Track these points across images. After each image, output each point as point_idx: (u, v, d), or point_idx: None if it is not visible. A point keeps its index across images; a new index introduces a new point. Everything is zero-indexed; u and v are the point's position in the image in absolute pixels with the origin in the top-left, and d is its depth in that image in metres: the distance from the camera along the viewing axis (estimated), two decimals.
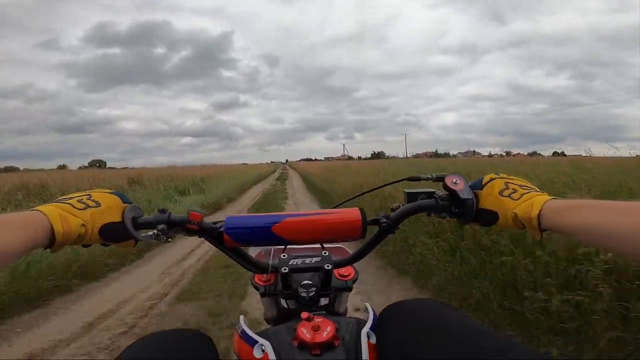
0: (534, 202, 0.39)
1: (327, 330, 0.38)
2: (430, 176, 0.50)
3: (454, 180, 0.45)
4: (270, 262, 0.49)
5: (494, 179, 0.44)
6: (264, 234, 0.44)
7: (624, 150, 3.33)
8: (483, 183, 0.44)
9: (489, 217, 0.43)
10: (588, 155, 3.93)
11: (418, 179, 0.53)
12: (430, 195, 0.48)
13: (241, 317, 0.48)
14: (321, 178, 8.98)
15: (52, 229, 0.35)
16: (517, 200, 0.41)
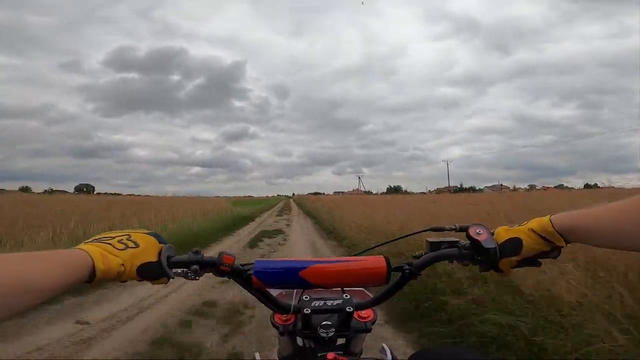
0: (540, 218, 0.45)
1: None
2: (454, 226, 0.52)
3: (478, 230, 0.47)
4: (293, 303, 0.52)
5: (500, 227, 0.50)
6: (291, 278, 0.48)
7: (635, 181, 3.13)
8: (493, 231, 0.49)
9: (513, 246, 0.46)
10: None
11: (442, 230, 0.55)
12: (452, 244, 0.50)
13: (257, 353, 0.50)
14: None
15: (94, 267, 0.38)
16: (525, 224, 0.46)
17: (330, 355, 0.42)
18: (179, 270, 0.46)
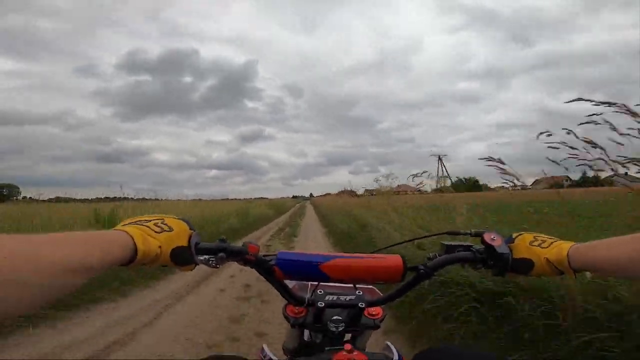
0: (562, 247, 0.51)
1: None
2: (469, 231, 0.61)
3: (492, 237, 0.55)
4: (307, 296, 0.59)
5: (522, 233, 0.56)
6: (312, 271, 0.55)
7: None
8: (514, 237, 0.56)
9: (524, 266, 0.53)
10: None
11: (458, 234, 0.64)
12: (467, 248, 0.58)
13: (265, 345, 0.58)
14: None
15: (135, 248, 0.42)
16: (547, 247, 0.52)
17: (348, 345, 0.48)
18: (202, 258, 0.51)
